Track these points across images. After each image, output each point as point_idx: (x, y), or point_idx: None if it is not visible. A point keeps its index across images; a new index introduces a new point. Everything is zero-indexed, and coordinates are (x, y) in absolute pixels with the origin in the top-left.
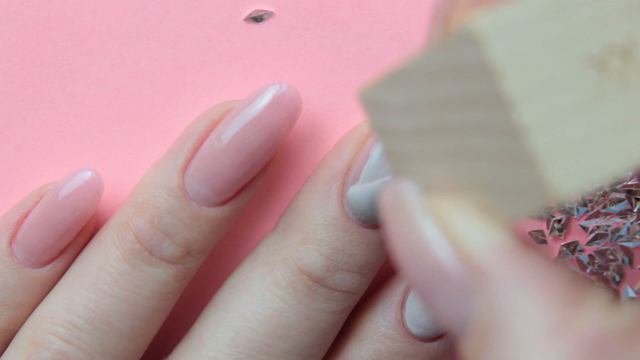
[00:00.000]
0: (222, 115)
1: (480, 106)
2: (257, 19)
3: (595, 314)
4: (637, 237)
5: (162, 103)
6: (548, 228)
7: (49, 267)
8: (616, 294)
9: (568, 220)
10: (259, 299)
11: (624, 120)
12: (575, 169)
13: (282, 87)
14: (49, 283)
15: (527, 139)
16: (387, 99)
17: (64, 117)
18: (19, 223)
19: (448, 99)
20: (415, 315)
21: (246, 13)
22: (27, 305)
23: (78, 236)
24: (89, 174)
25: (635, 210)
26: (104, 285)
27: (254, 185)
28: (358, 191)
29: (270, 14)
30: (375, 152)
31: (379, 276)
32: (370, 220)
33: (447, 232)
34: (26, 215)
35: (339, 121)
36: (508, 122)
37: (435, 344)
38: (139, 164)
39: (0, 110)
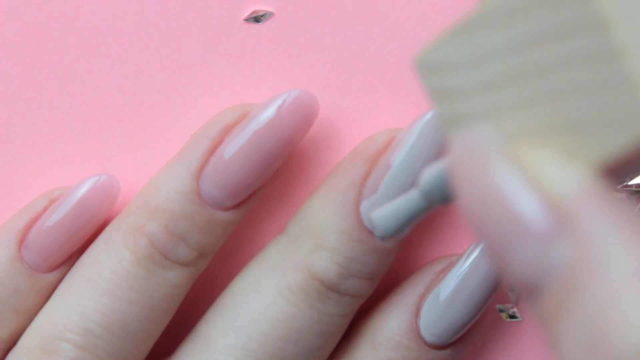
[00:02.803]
0: (237, 119)
1: (569, 36)
2: (257, 19)
3: None
4: None
5: (162, 103)
6: None
7: (57, 271)
8: None
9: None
10: (271, 303)
11: None
12: None
13: (299, 92)
14: (56, 287)
15: (628, 60)
16: (450, 58)
17: (64, 117)
18: (28, 227)
19: (528, 38)
20: (431, 325)
21: (246, 13)
22: (34, 311)
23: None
24: (104, 177)
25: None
26: (120, 291)
27: (264, 187)
28: (383, 212)
29: (270, 14)
30: (395, 162)
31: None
32: (397, 236)
33: (531, 176)
34: (35, 220)
35: (339, 121)
36: (605, 45)
37: (448, 351)
38: (138, 163)
39: (0, 111)
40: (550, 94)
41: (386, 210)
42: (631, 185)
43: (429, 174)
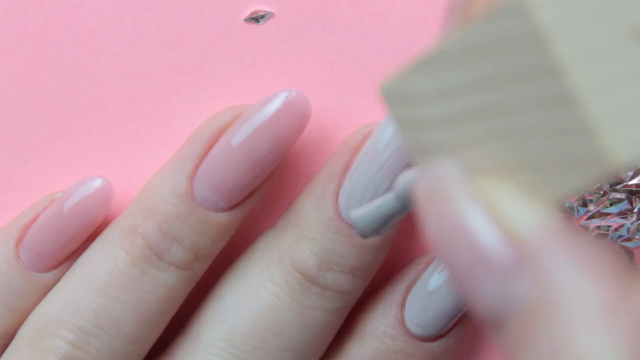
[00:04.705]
0: (231, 120)
1: (527, 79)
2: (257, 19)
3: None
4: (637, 237)
5: (162, 104)
6: None
7: (54, 272)
8: None
9: (568, 220)
10: (254, 295)
11: None
12: (631, 136)
13: (291, 93)
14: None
15: (583, 106)
16: (414, 89)
17: (64, 118)
18: (27, 226)
19: (489, 77)
20: (415, 315)
21: (246, 13)
22: (29, 310)
23: (85, 242)
24: (99, 181)
25: (635, 210)
26: (114, 291)
27: (261, 190)
28: (361, 211)
29: (270, 15)
30: (366, 148)
31: (379, 277)
32: (376, 234)
33: (493, 212)
34: (34, 220)
35: (339, 121)
36: (560, 91)
37: (435, 344)
38: (138, 164)
39: None
40: (509, 132)
41: (364, 210)
42: (631, 185)
43: (404, 179)
